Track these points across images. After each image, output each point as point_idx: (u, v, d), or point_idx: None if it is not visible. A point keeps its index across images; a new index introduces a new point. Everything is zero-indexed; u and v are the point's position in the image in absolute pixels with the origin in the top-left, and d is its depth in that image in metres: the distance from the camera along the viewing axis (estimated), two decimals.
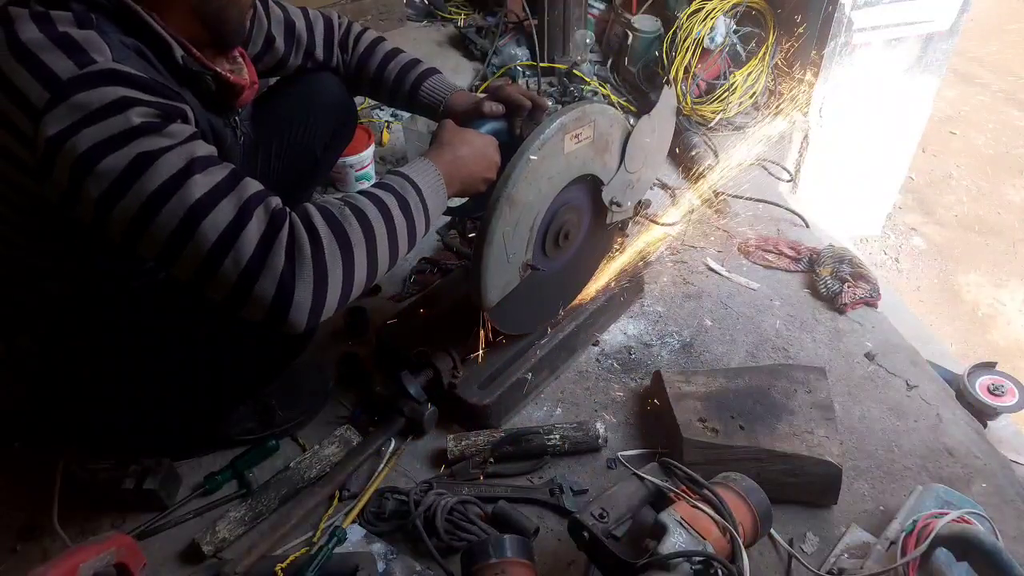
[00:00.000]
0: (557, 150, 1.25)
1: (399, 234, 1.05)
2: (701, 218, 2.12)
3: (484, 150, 1.23)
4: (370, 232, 0.99)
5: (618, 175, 1.42)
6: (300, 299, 0.93)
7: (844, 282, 1.82)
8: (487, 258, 1.25)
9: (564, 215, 1.38)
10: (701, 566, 0.97)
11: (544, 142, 1.21)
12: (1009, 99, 4.21)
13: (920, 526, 1.12)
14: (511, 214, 1.24)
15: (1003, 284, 3.01)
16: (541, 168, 1.24)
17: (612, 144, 1.38)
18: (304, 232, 0.93)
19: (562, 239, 1.41)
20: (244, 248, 0.90)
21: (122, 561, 1.12)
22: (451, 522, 1.27)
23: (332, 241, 0.95)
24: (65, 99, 0.85)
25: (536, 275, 1.39)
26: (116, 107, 0.86)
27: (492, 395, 1.44)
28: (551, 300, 1.55)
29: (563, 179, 1.31)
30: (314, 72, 1.48)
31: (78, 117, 0.85)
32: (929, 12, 2.48)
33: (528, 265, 1.35)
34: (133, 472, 1.30)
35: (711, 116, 2.49)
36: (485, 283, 1.28)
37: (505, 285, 1.33)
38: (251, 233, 0.90)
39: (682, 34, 2.45)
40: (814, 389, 1.44)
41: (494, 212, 1.21)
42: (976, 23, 4.24)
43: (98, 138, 0.86)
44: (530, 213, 1.29)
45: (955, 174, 3.63)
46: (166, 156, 0.88)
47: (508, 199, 1.21)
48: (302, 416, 1.47)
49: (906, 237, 3.24)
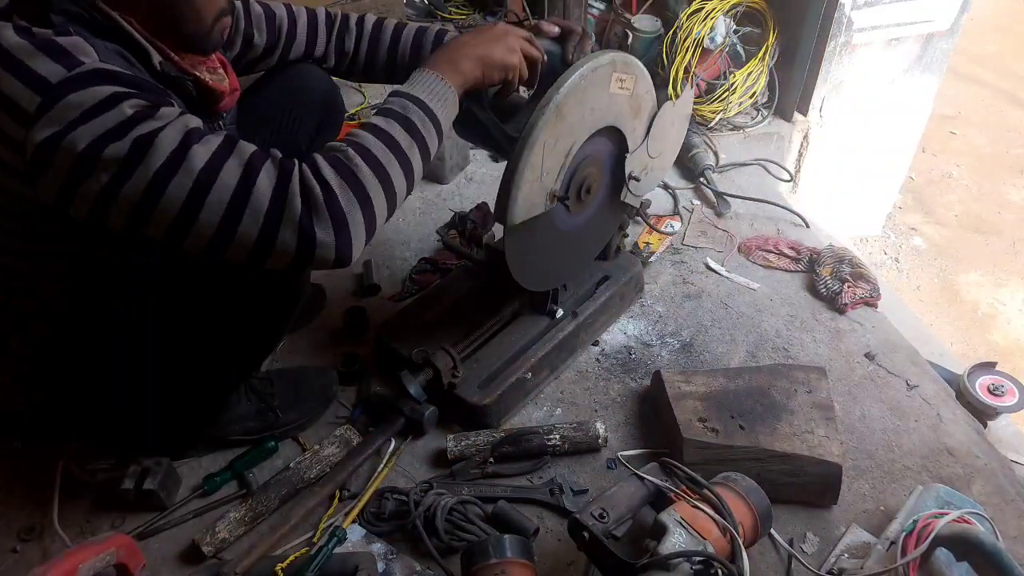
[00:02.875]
0: (605, 83, 1.24)
1: (412, 159, 1.03)
2: (701, 218, 2.12)
3: (496, 32, 1.15)
4: (380, 169, 0.98)
5: (640, 149, 1.44)
6: (323, 240, 0.92)
7: (844, 282, 1.82)
8: (524, 162, 1.19)
9: (589, 167, 1.38)
10: (701, 566, 0.97)
11: (597, 66, 1.21)
12: (1009, 99, 4.21)
13: (920, 526, 1.12)
14: (555, 125, 1.20)
15: (1003, 284, 3.01)
16: (588, 93, 1.23)
17: (643, 112, 1.39)
18: (315, 182, 0.92)
19: (584, 193, 1.40)
20: (259, 202, 0.89)
21: (122, 561, 1.12)
22: (451, 522, 1.27)
23: (345, 190, 0.94)
24: (58, 101, 0.86)
25: (555, 228, 1.38)
26: (109, 103, 0.87)
27: (492, 395, 1.44)
28: (565, 261, 1.54)
29: (601, 118, 1.31)
30: (296, 65, 1.45)
31: (73, 116, 0.86)
32: (929, 12, 2.48)
33: (555, 196, 1.31)
34: (133, 472, 1.30)
35: (711, 116, 2.49)
36: (515, 194, 1.22)
37: (531, 207, 1.28)
38: (263, 186, 0.90)
39: (682, 34, 2.45)
40: (814, 389, 1.44)
41: (541, 115, 1.17)
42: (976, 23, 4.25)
43: (96, 133, 0.86)
44: (569, 137, 1.26)
45: (955, 174, 3.63)
46: (163, 134, 0.88)
47: (557, 107, 1.18)
48: (304, 418, 1.47)
49: (906, 237, 3.24)
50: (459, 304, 1.63)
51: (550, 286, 1.56)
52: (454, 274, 1.75)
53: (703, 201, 2.19)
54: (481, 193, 2.19)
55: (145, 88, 0.92)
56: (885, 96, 2.67)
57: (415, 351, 1.45)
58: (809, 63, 2.49)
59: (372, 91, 2.60)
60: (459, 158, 2.24)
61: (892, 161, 2.88)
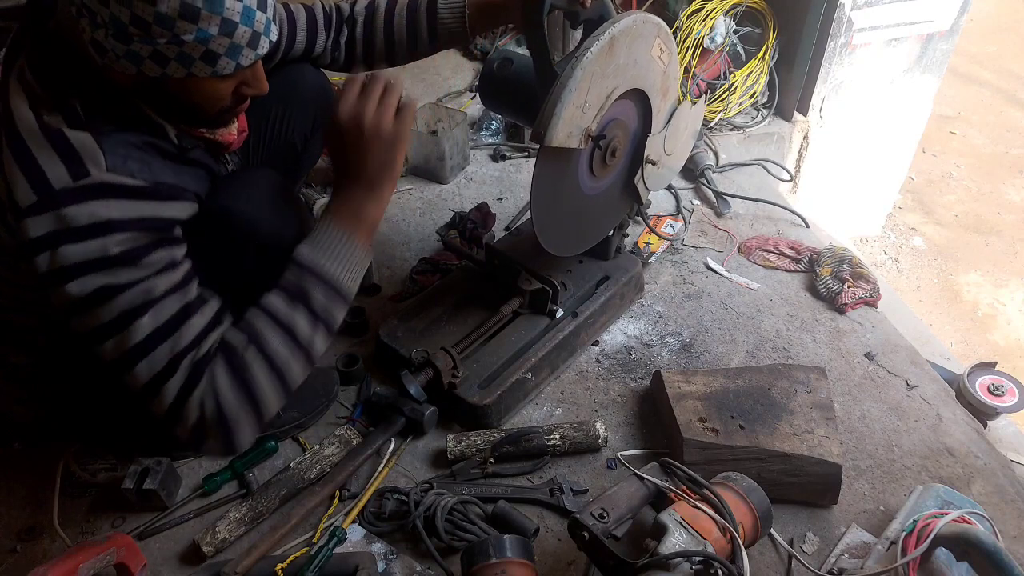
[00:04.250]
0: (649, 41, 1.27)
1: (313, 347, 1.05)
2: (701, 218, 2.12)
3: (382, 160, 1.07)
4: (276, 373, 1.02)
5: (659, 135, 1.47)
6: (211, 445, 1.02)
7: (844, 282, 1.82)
8: (574, 82, 1.18)
9: (616, 129, 1.39)
10: (701, 566, 0.97)
11: (647, 20, 1.25)
12: (1009, 99, 4.21)
13: (920, 526, 1.12)
14: (606, 59, 1.20)
15: (1003, 284, 3.01)
16: (635, 44, 1.25)
17: (669, 95, 1.42)
18: (212, 402, 0.98)
19: (609, 156, 1.40)
20: (163, 401, 0.98)
21: (122, 561, 1.12)
22: (451, 522, 1.27)
23: (239, 402, 1.00)
24: (54, 208, 0.88)
25: (579, 187, 1.40)
26: (99, 230, 0.90)
27: (492, 395, 1.44)
28: (580, 228, 1.54)
29: (640, 78, 1.33)
30: (289, 64, 1.44)
31: (62, 228, 0.89)
32: (929, 12, 2.48)
33: (591, 136, 1.30)
34: (133, 472, 1.30)
35: (711, 116, 2.49)
36: (559, 111, 1.19)
37: (568, 136, 1.25)
38: (171, 388, 0.97)
39: (682, 34, 2.45)
40: (814, 389, 1.44)
41: (596, 42, 1.17)
42: (976, 23, 4.26)
43: (74, 259, 0.90)
44: (614, 78, 1.26)
45: (955, 174, 3.63)
46: (124, 295, 0.92)
47: (611, 39, 1.19)
48: (304, 416, 1.47)
49: (906, 237, 3.24)
50: (459, 304, 1.63)
51: (561, 251, 1.52)
52: (454, 274, 1.75)
53: (703, 201, 2.19)
54: (481, 193, 2.19)
55: (153, 195, 0.95)
56: (885, 96, 2.67)
57: (415, 351, 1.45)
58: (809, 63, 2.49)
59: None
60: (459, 158, 2.24)
61: (892, 161, 2.88)
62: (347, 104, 1.05)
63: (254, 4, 0.91)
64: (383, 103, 1.06)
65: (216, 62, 0.92)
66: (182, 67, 0.90)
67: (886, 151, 2.83)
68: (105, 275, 0.91)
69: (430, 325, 1.57)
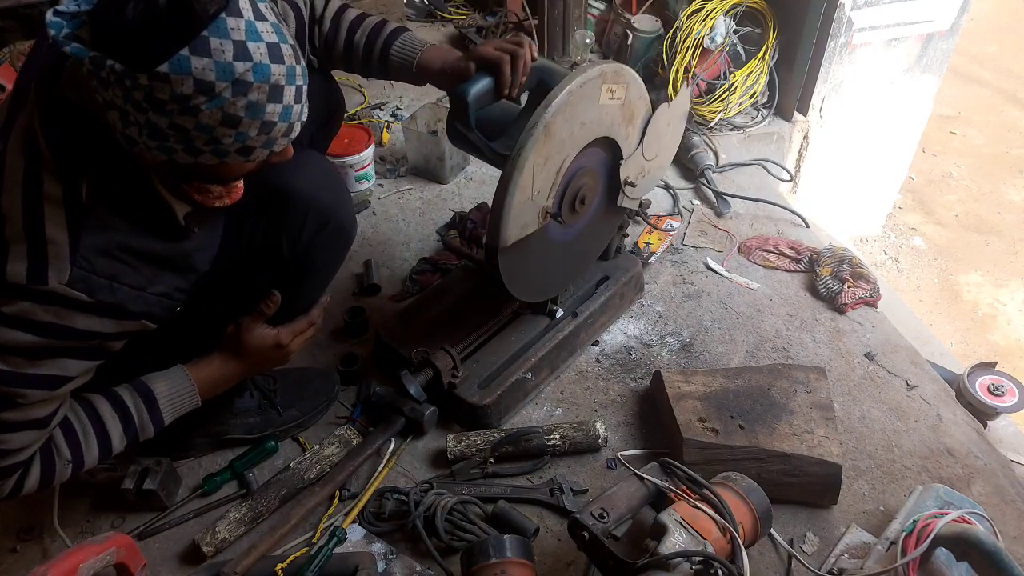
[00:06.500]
0: (594, 96, 1.24)
1: (113, 450, 1.13)
2: (701, 218, 2.12)
3: (267, 356, 1.25)
4: (80, 467, 1.10)
5: (636, 155, 1.43)
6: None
7: (844, 282, 1.82)
8: (513, 186, 1.20)
9: (583, 178, 1.37)
10: (701, 566, 0.97)
11: (585, 81, 1.21)
12: (1009, 99, 4.21)
13: (920, 526, 1.12)
14: (545, 146, 1.20)
15: (1003, 284, 3.01)
16: (578, 108, 1.22)
17: (636, 118, 1.38)
18: (18, 483, 1.05)
19: (578, 204, 1.39)
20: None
21: (122, 561, 1.12)
22: (451, 522, 1.27)
23: (38, 486, 1.07)
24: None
25: (549, 240, 1.38)
26: (12, 321, 0.88)
27: (492, 395, 1.44)
28: (560, 272, 1.54)
29: (593, 131, 1.30)
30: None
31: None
32: (929, 12, 2.48)
33: (548, 212, 1.31)
34: (133, 472, 1.30)
35: (711, 116, 2.49)
36: (507, 216, 1.22)
37: (523, 226, 1.28)
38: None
39: (682, 34, 2.45)
40: (814, 389, 1.44)
41: (530, 137, 1.17)
42: (976, 23, 4.25)
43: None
44: (560, 154, 1.26)
45: (955, 174, 3.63)
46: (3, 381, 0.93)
47: (545, 127, 1.18)
48: (305, 416, 1.47)
49: (906, 237, 3.24)
50: (459, 304, 1.63)
51: (548, 296, 1.56)
52: (454, 274, 1.75)
53: (703, 201, 2.19)
54: (481, 193, 2.19)
55: (103, 312, 0.94)
56: (885, 96, 2.67)
57: (415, 351, 1.45)
58: (809, 63, 2.49)
59: (372, 91, 2.60)
60: (459, 158, 2.24)
61: (892, 161, 2.88)
62: (284, 334, 1.25)
63: (292, 100, 0.88)
64: (302, 337, 1.29)
65: (251, 154, 0.90)
66: (216, 158, 0.88)
67: (886, 151, 2.82)
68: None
69: (430, 325, 1.57)
